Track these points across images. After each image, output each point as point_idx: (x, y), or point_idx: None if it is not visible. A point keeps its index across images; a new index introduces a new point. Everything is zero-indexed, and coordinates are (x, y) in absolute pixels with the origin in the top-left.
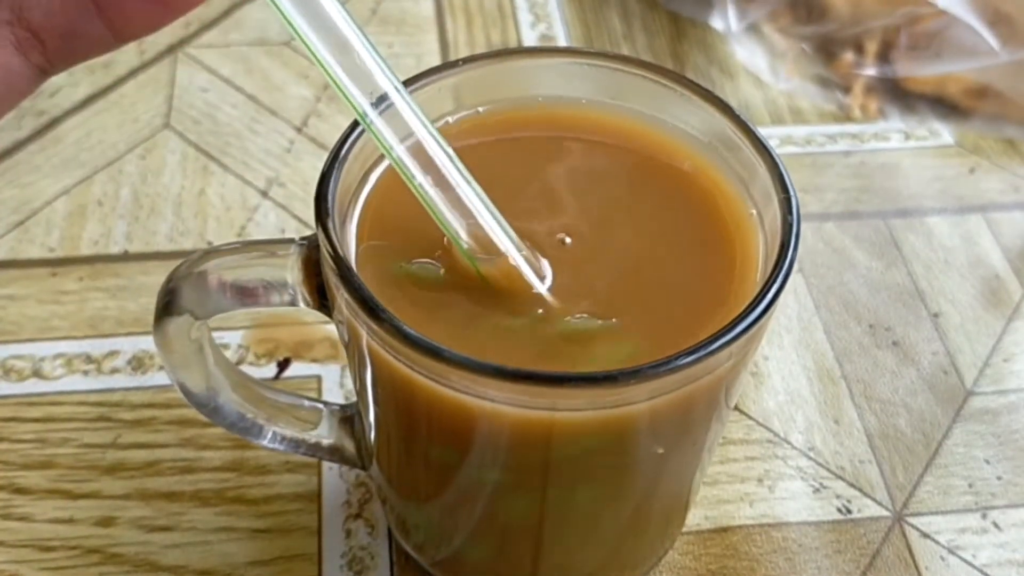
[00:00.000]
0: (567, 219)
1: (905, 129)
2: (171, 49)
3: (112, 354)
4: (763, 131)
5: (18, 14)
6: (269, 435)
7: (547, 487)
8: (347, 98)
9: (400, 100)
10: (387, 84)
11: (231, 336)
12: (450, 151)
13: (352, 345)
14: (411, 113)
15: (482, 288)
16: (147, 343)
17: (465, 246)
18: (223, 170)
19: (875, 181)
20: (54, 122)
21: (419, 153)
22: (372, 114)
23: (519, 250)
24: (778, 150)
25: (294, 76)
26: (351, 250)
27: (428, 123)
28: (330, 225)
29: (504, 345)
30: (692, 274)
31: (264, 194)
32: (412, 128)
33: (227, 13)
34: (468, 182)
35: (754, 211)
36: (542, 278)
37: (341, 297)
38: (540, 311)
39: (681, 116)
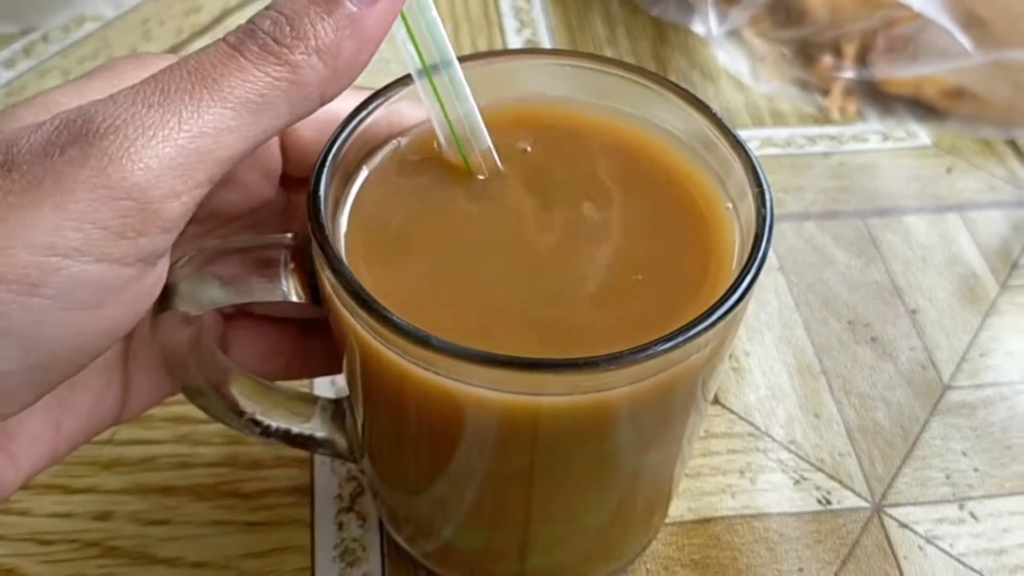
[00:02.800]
0: (550, 212)
1: (883, 130)
2: None
3: None
4: (744, 133)
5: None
6: (263, 428)
7: (534, 476)
8: None
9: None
10: None
11: None
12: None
13: (343, 336)
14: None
15: (473, 263)
16: None
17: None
18: None
19: (854, 181)
20: None
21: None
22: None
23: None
24: (759, 152)
25: None
26: (341, 243)
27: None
28: (321, 219)
29: (496, 323)
30: (670, 267)
31: None
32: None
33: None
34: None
35: (730, 206)
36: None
37: (332, 289)
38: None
39: (661, 116)
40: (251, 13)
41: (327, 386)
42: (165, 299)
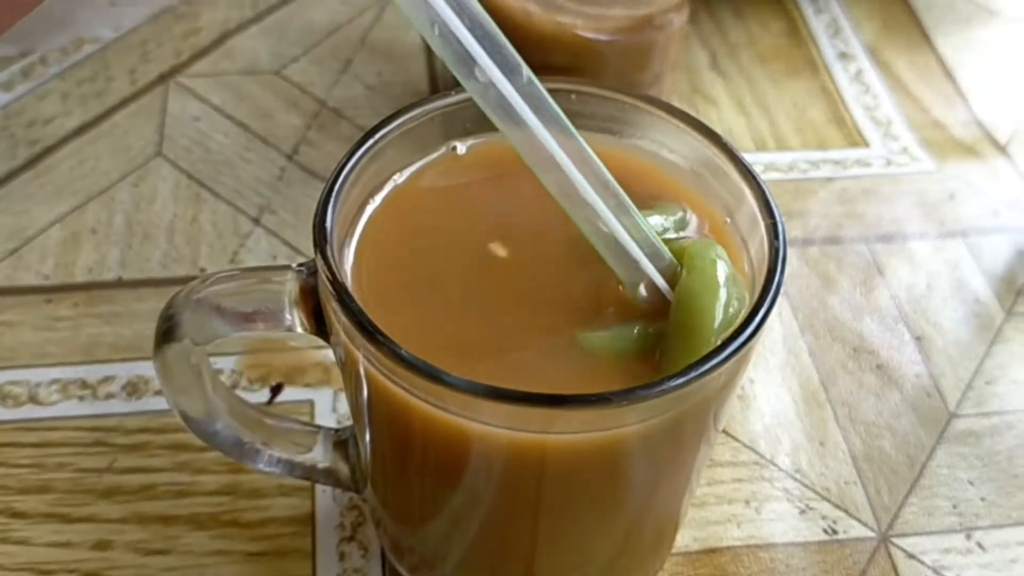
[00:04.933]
0: (558, 244)
1: (886, 155)
2: (163, 78)
3: (107, 380)
4: (747, 158)
5: None
6: (265, 458)
7: (540, 509)
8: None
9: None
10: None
11: (224, 362)
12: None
13: (349, 368)
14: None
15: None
16: (142, 369)
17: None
18: (215, 197)
19: (857, 207)
20: (47, 151)
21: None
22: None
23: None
24: (761, 176)
25: (284, 104)
26: (348, 275)
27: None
28: (328, 251)
29: (501, 356)
30: None
31: (256, 221)
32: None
33: (218, 43)
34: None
35: (739, 237)
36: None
37: (339, 322)
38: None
39: (667, 143)
40: (251, 34)
41: (328, 415)
42: (170, 332)
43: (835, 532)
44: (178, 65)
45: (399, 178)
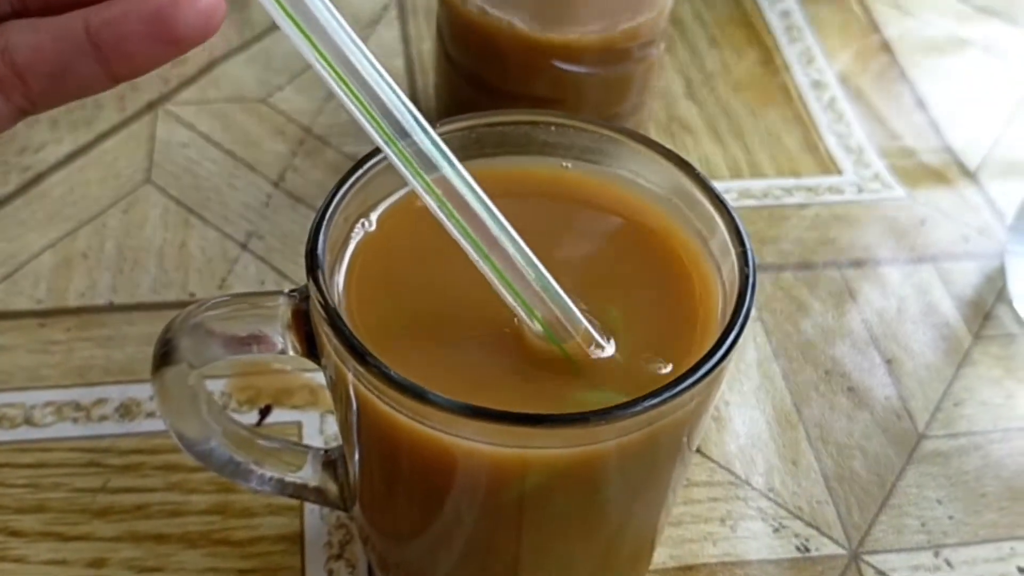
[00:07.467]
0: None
1: (858, 182)
2: (151, 106)
3: (100, 402)
4: (722, 185)
5: (0, 51)
6: (257, 478)
7: (523, 524)
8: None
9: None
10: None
11: (214, 384)
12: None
13: (339, 389)
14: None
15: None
16: (134, 391)
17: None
18: (203, 223)
19: (830, 232)
20: (39, 177)
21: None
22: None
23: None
24: (736, 203)
25: (271, 132)
26: (338, 300)
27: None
28: (320, 277)
29: (482, 377)
30: (657, 323)
31: (243, 246)
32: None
33: (205, 71)
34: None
35: (713, 264)
36: (606, 339)
37: (330, 344)
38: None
39: (644, 174)
40: (237, 63)
41: (316, 436)
42: (168, 355)
43: (807, 550)
44: (166, 93)
45: (387, 204)
